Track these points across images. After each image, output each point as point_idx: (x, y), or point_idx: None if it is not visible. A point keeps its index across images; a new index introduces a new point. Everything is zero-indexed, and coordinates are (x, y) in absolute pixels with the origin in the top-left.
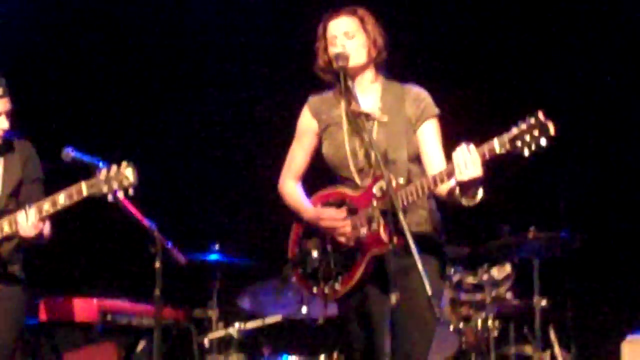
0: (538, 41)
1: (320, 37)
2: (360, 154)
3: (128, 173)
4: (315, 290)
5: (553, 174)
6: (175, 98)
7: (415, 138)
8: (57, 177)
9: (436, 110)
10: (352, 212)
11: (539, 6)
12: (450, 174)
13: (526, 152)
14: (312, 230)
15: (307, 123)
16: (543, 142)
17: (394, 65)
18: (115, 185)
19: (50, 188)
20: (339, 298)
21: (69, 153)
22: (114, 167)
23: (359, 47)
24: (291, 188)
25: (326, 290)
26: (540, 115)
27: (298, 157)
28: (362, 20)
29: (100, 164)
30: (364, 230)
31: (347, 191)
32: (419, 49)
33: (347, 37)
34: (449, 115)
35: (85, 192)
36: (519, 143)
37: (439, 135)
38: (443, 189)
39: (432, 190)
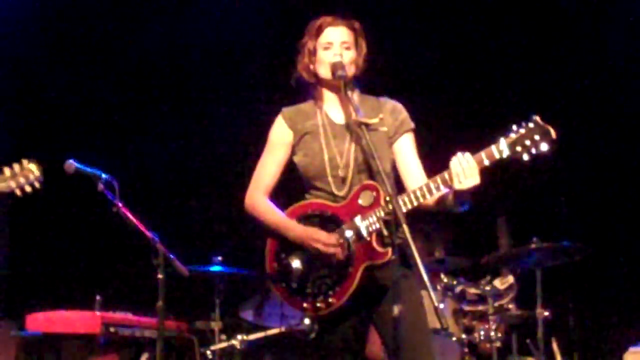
0: (535, 44)
1: (311, 36)
2: (341, 163)
3: (32, 168)
4: (305, 305)
5: (555, 184)
6: (177, 110)
7: (391, 150)
8: (59, 189)
9: (412, 125)
10: (336, 224)
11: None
12: (445, 181)
13: (526, 157)
14: (291, 243)
15: (281, 134)
16: (544, 146)
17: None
18: (22, 180)
19: (52, 200)
20: (332, 311)
21: (72, 165)
22: (17, 165)
23: (351, 60)
24: (265, 204)
25: (318, 304)
26: (538, 119)
27: (270, 170)
28: (357, 35)
29: (103, 176)
30: (352, 242)
31: (327, 203)
32: (403, 57)
33: (344, 48)
34: (435, 124)
35: None
36: (518, 148)
37: (416, 147)
38: (431, 198)
39: (425, 199)
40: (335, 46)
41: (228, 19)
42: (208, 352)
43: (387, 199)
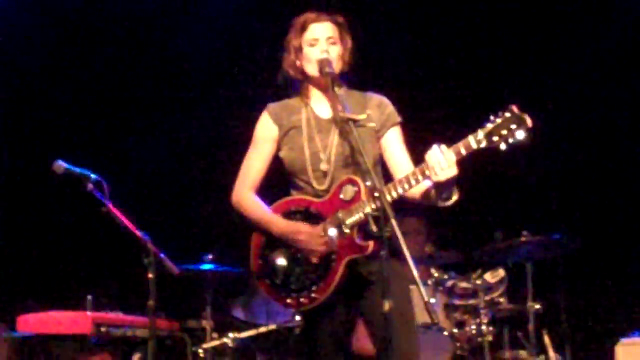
0: (524, 34)
1: (296, 33)
2: (324, 157)
3: None
4: (289, 300)
5: (545, 177)
6: (168, 109)
7: (378, 144)
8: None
9: (399, 118)
10: (318, 219)
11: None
12: (424, 172)
13: (503, 146)
14: (276, 240)
15: (267, 129)
16: (520, 135)
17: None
18: None
19: (42, 201)
20: (317, 306)
21: (61, 165)
22: None
23: (338, 56)
24: (251, 199)
25: (302, 300)
26: (515, 108)
27: (256, 166)
28: (342, 29)
29: (92, 176)
30: (335, 236)
31: (309, 198)
32: (389, 48)
33: (329, 43)
34: (421, 115)
35: None
36: (495, 138)
37: (403, 141)
38: (416, 191)
39: (406, 191)
40: (321, 42)
41: (221, 19)
42: (200, 351)
43: (376, 194)
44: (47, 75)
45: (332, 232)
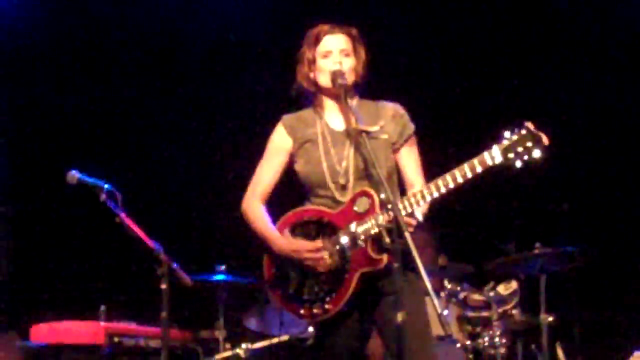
0: (534, 45)
1: (310, 45)
2: (341, 170)
3: None
4: (302, 311)
5: (558, 189)
6: (180, 119)
7: (394, 155)
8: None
9: (413, 127)
10: (332, 230)
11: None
12: (439, 188)
13: (518, 164)
14: None
15: (281, 141)
16: (537, 153)
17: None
18: None
19: (56, 211)
20: (329, 317)
21: (74, 175)
22: None
23: (351, 68)
24: (258, 211)
25: (315, 310)
26: (531, 126)
27: (267, 176)
28: (355, 42)
29: (105, 186)
30: (348, 248)
31: (323, 209)
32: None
33: (343, 55)
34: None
35: None
36: (511, 155)
37: (417, 153)
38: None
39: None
40: (334, 54)
41: (230, 28)
42: None
43: (389, 206)
44: (60, 85)
45: (344, 240)
